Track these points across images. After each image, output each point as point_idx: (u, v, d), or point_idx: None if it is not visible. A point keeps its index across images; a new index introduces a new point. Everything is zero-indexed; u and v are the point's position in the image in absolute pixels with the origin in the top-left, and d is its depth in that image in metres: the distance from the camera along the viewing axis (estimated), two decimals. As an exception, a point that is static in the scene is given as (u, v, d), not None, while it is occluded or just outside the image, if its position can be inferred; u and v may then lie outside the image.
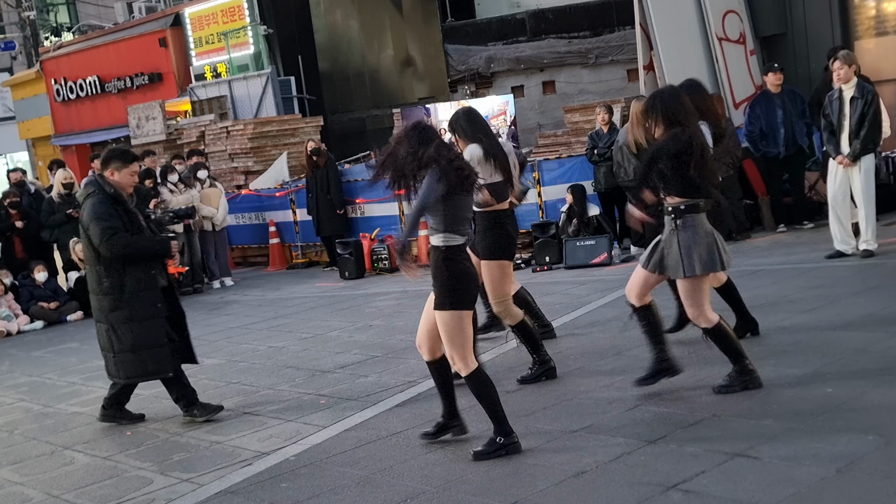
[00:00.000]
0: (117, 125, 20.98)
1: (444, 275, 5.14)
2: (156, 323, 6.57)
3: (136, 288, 6.51)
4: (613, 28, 17.57)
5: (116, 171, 6.56)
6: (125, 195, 6.61)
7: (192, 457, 5.95)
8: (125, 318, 6.52)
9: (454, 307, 5.10)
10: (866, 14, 13.22)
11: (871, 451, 4.50)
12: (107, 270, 6.51)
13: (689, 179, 5.47)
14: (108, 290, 6.54)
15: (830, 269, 8.88)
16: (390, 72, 20.73)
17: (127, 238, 6.45)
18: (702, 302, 5.57)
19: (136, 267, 6.51)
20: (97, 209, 6.45)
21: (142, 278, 6.53)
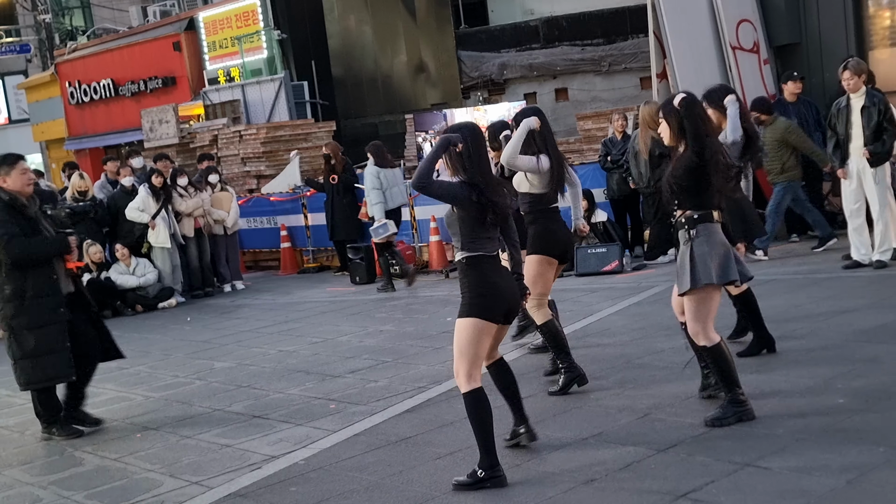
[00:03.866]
0: (131, 128, 21.07)
1: (464, 282, 4.98)
2: (56, 328, 6.58)
3: (36, 293, 6.54)
4: (627, 36, 17.57)
5: (6, 176, 6.54)
6: (24, 200, 6.60)
7: (202, 460, 5.96)
8: (25, 324, 6.55)
9: (470, 314, 4.91)
10: (881, 24, 13.18)
11: (881, 462, 4.48)
12: (8, 277, 6.54)
13: (706, 192, 5.32)
14: (9, 297, 6.56)
15: (843, 279, 8.85)
16: (403, 77, 20.75)
17: (24, 242, 6.49)
18: (707, 318, 5.33)
19: (36, 273, 6.53)
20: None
21: (42, 284, 6.55)
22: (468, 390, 4.91)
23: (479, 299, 4.92)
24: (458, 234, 4.97)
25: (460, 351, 4.94)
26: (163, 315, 12.42)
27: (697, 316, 5.33)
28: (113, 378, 8.71)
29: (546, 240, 6.53)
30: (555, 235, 6.57)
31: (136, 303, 12.77)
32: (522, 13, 19.08)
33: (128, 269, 12.83)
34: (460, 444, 5.53)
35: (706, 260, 5.28)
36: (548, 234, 6.55)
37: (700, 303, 5.31)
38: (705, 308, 5.32)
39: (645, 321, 8.17)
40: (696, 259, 5.29)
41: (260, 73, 19.83)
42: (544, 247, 6.52)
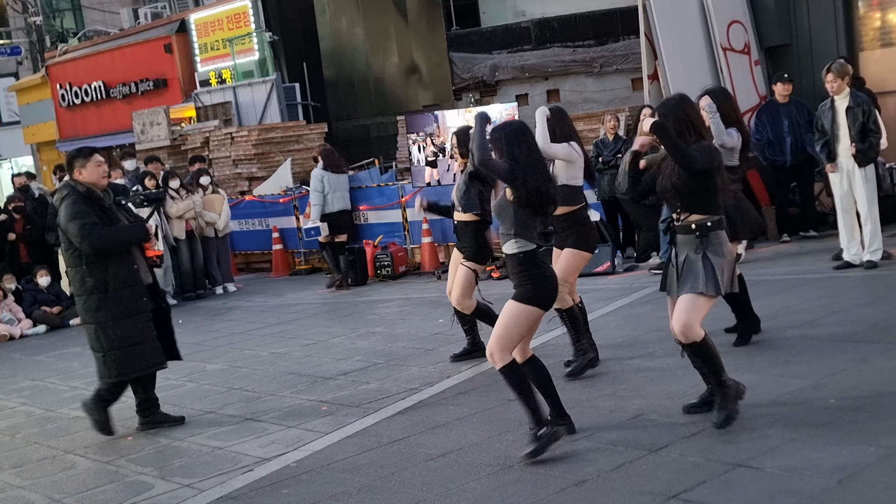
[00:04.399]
0: (122, 130, 21.01)
1: (522, 272, 5.18)
2: (142, 318, 6.62)
3: (119, 284, 6.54)
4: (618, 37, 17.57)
5: (82, 168, 6.60)
6: (99, 192, 6.64)
7: (193, 462, 5.94)
8: (111, 315, 6.54)
9: (533, 303, 5.14)
10: (871, 25, 13.23)
11: (872, 462, 4.50)
12: (90, 270, 6.52)
13: (714, 195, 5.19)
14: (92, 289, 6.55)
15: (834, 279, 8.87)
16: (395, 79, 20.73)
17: (105, 231, 6.50)
18: (700, 318, 5.24)
19: (118, 264, 6.54)
20: (72, 209, 6.48)
21: (125, 275, 6.56)
22: (505, 364, 5.15)
23: (543, 290, 5.17)
24: (511, 220, 5.17)
25: (509, 334, 5.13)
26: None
27: (693, 316, 5.19)
28: (104, 381, 8.69)
29: (590, 238, 6.80)
30: (593, 232, 6.91)
31: (128, 305, 12.72)
32: (514, 15, 19.06)
33: (119, 271, 12.78)
34: (452, 446, 5.53)
35: (723, 269, 5.17)
36: (591, 232, 6.82)
37: (702, 305, 5.22)
38: (703, 310, 5.26)
39: (636, 322, 8.18)
40: (715, 267, 5.15)
41: (251, 75, 19.80)
42: (588, 245, 6.77)
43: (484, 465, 5.17)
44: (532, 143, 5.33)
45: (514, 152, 5.18)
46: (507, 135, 5.24)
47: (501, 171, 5.20)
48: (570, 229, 6.69)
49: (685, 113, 5.32)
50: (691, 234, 5.21)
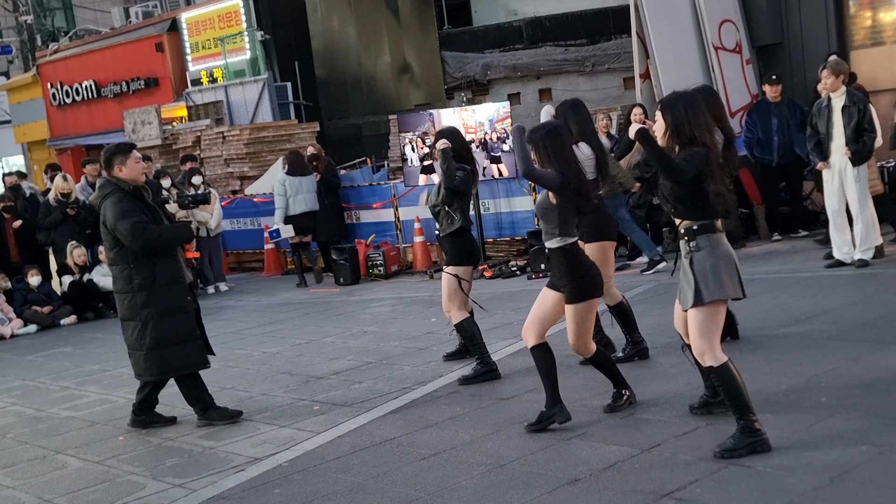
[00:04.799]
0: (113, 130, 20.95)
1: (566, 268, 5.51)
2: (187, 316, 6.64)
3: (165, 282, 6.53)
4: (610, 36, 17.60)
5: (122, 165, 6.54)
6: (143, 191, 6.64)
7: (185, 462, 5.93)
8: (157, 312, 6.51)
9: (585, 297, 5.50)
10: (862, 24, 13.27)
11: (864, 460, 4.50)
12: (137, 268, 6.49)
13: (704, 201, 4.87)
14: (139, 287, 6.51)
15: (825, 278, 8.89)
16: (387, 78, 20.73)
17: (156, 230, 6.49)
18: (714, 336, 4.85)
19: (164, 261, 6.54)
20: (121, 207, 6.42)
21: (170, 272, 6.56)
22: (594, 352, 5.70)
23: (591, 279, 5.55)
24: (555, 221, 5.51)
25: (579, 330, 5.58)
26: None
27: (702, 333, 4.84)
28: (95, 380, 8.67)
29: (605, 226, 6.82)
30: (609, 220, 6.97)
31: (119, 305, 12.69)
32: (506, 14, 19.08)
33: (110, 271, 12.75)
34: (445, 445, 5.53)
35: (707, 274, 4.82)
36: (605, 220, 6.85)
37: (705, 319, 4.83)
38: (711, 325, 4.85)
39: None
40: (698, 274, 4.83)
41: (243, 74, 19.76)
42: (606, 233, 6.80)
43: (476, 464, 5.17)
44: (568, 143, 5.68)
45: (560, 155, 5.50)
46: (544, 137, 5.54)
47: (551, 181, 5.47)
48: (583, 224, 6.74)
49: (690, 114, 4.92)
50: (681, 239, 4.99)
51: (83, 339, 11.23)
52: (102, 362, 9.50)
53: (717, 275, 4.82)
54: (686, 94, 5.00)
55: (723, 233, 4.96)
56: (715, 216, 4.91)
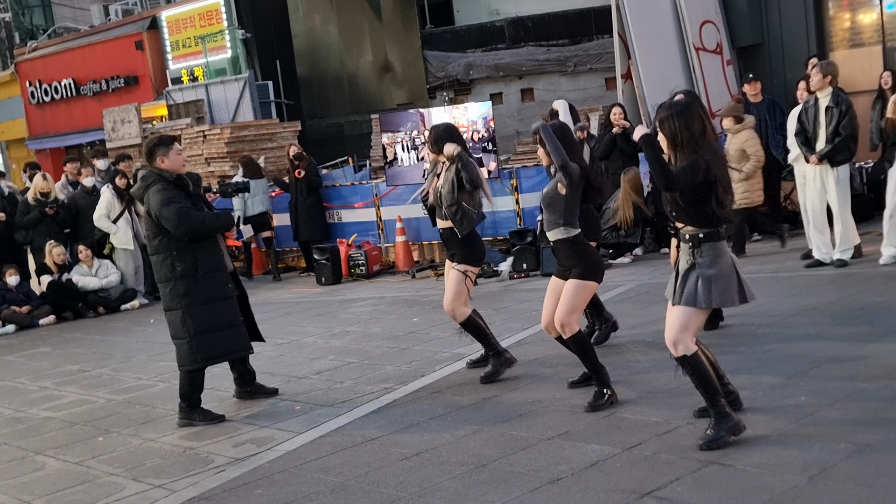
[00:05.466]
0: (92, 128, 20.83)
1: (574, 253, 5.93)
2: (229, 303, 6.74)
3: (207, 269, 6.62)
4: (592, 37, 17.63)
5: (164, 157, 6.65)
6: (185, 180, 6.75)
7: (165, 463, 5.90)
8: (201, 300, 6.59)
9: (593, 278, 5.94)
10: (841, 26, 13.36)
11: (843, 458, 4.54)
12: (180, 255, 6.57)
13: (708, 209, 4.90)
14: (181, 275, 6.57)
15: (805, 278, 8.95)
16: (369, 77, 20.67)
17: (200, 215, 6.60)
18: (692, 331, 5.02)
19: (206, 249, 6.62)
20: (165, 194, 6.51)
21: (212, 260, 6.65)
22: (576, 332, 5.97)
23: (596, 265, 6.00)
24: (560, 211, 5.90)
25: (577, 307, 5.93)
26: (125, 317, 12.29)
27: (684, 328, 4.98)
28: (75, 381, 8.62)
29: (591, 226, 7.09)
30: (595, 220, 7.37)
31: (98, 305, 12.63)
32: (488, 13, 19.09)
33: (90, 270, 12.68)
34: (427, 445, 5.53)
35: (709, 283, 4.91)
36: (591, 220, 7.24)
37: (692, 318, 4.99)
38: (694, 323, 5.02)
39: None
40: (700, 280, 4.92)
41: (224, 73, 19.68)
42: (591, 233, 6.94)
43: (458, 463, 5.17)
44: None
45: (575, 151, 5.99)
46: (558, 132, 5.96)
47: (577, 173, 5.88)
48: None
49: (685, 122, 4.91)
50: (686, 244, 5.02)
51: (62, 339, 11.16)
52: (82, 362, 9.45)
53: (717, 285, 4.95)
54: (678, 103, 4.94)
55: (724, 240, 5.03)
56: (719, 224, 4.96)
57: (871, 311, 7.36)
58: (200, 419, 6.66)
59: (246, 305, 7.04)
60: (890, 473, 4.31)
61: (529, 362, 7.13)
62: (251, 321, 7.09)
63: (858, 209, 10.23)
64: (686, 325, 5.00)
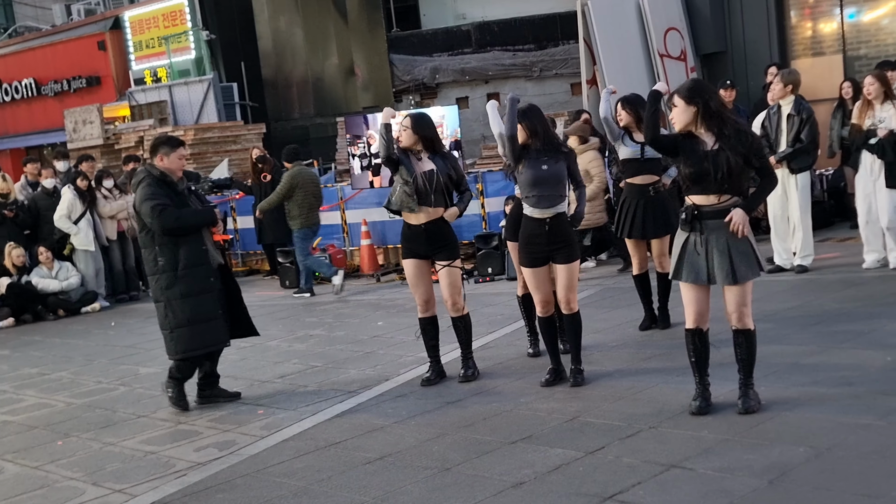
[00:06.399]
0: (53, 129, 20.61)
1: (570, 232, 6.40)
2: (210, 297, 6.85)
3: (188, 264, 6.79)
4: (558, 42, 17.74)
5: (165, 156, 6.90)
6: (174, 178, 6.92)
7: (126, 467, 5.83)
8: (180, 293, 6.77)
9: (579, 255, 6.45)
10: (803, 34, 13.55)
11: (802, 462, 4.59)
12: (162, 250, 6.79)
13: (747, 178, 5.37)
14: (163, 269, 6.80)
15: (766, 283, 9.03)
16: (334, 80, 20.65)
17: (176, 212, 6.75)
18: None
19: (189, 244, 6.80)
20: (146, 191, 6.76)
21: (194, 255, 6.82)
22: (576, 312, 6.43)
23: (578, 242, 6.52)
24: (563, 190, 6.37)
25: (575, 285, 6.40)
26: (86, 320, 12.14)
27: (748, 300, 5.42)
28: (34, 384, 8.50)
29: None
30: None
31: (59, 307, 12.47)
32: (454, 18, 19.14)
33: (50, 272, 12.52)
34: (390, 449, 5.51)
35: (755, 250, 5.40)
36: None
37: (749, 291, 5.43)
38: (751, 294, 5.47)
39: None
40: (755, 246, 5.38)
41: (188, 74, 19.54)
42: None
43: (422, 467, 5.16)
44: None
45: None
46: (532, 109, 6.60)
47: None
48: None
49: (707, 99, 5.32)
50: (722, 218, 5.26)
51: (21, 341, 11.00)
52: (41, 366, 9.32)
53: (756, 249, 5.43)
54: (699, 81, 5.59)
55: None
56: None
57: (831, 316, 7.46)
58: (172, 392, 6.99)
59: (238, 299, 7.16)
60: (847, 477, 4.37)
61: (493, 366, 7.15)
62: (244, 315, 7.23)
63: (819, 216, 10.38)
64: (750, 299, 5.41)
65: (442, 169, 6.72)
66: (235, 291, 7.15)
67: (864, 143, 8.82)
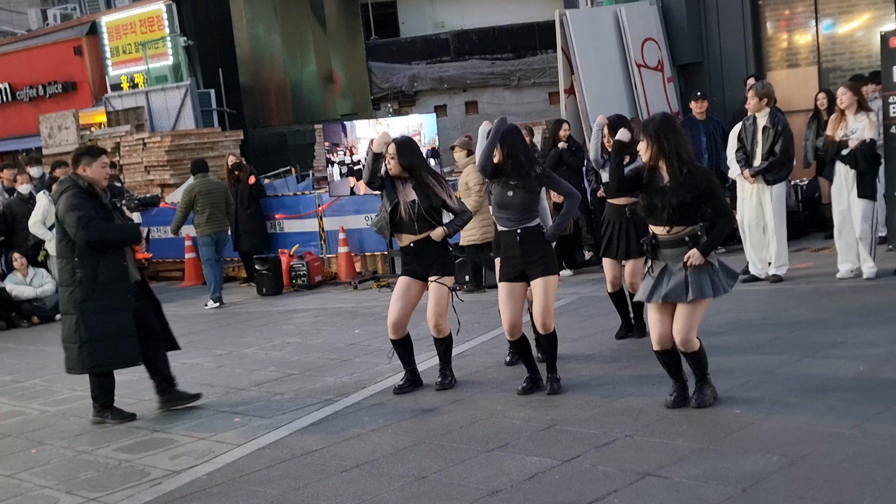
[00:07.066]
0: (28, 134, 20.44)
1: (546, 245, 6.35)
2: (125, 314, 6.80)
3: (107, 278, 6.74)
4: (536, 51, 17.83)
5: (87, 166, 6.86)
6: (99, 190, 6.87)
7: (100, 475, 5.79)
8: (95, 307, 6.71)
9: (556, 270, 6.40)
10: (779, 46, 13.68)
11: (775, 470, 4.63)
12: (81, 261, 6.71)
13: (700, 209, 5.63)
14: (80, 281, 6.72)
15: (741, 293, 9.10)
16: (313, 87, 20.62)
17: (102, 225, 6.72)
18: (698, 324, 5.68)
19: (109, 259, 6.77)
20: (72, 201, 6.69)
21: (113, 270, 6.78)
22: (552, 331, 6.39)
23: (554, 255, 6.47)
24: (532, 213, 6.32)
25: (550, 304, 6.31)
26: (60, 327, 12.02)
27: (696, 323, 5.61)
28: (8, 392, 8.43)
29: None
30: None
31: (33, 314, 12.37)
32: (433, 26, 19.20)
33: (24, 279, 12.42)
34: (367, 457, 5.51)
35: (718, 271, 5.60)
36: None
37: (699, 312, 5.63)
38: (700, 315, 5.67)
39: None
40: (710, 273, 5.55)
41: (165, 80, 19.45)
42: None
43: (398, 476, 5.16)
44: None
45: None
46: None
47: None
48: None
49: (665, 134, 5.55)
50: (685, 245, 5.51)
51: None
52: (15, 373, 9.24)
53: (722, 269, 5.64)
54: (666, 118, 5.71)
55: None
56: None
57: (805, 326, 7.53)
58: (111, 417, 6.89)
59: (160, 314, 7.14)
60: (820, 485, 4.41)
61: (470, 375, 7.16)
62: (166, 330, 7.17)
63: (793, 226, 10.47)
64: (695, 322, 5.59)
65: (423, 200, 6.65)
66: (156, 307, 7.10)
67: (836, 153, 8.92)
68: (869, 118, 8.80)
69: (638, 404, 5.93)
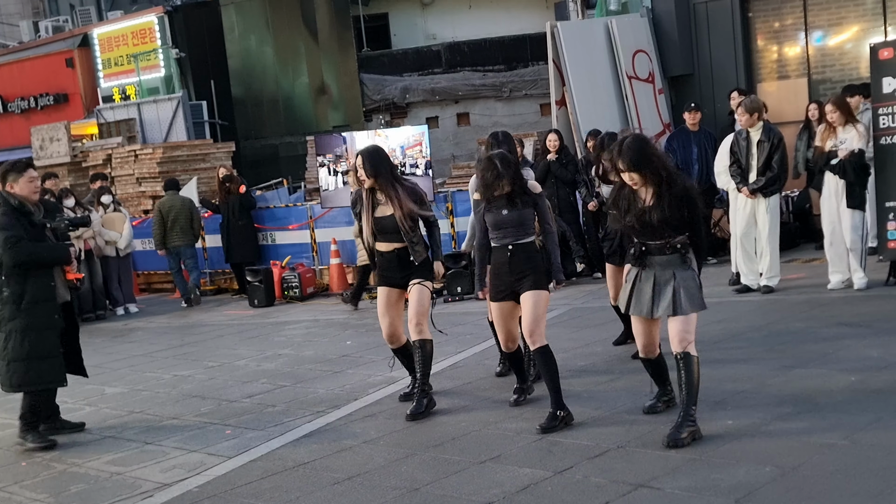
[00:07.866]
0: (20, 146, 20.38)
1: (539, 260, 6.21)
2: (51, 334, 6.74)
3: (35, 298, 6.68)
4: (527, 63, 17.88)
5: (14, 182, 6.76)
6: (31, 207, 6.77)
7: (91, 488, 5.76)
8: (22, 327, 6.64)
9: (547, 285, 6.22)
10: (769, 58, 13.74)
11: (768, 481, 4.62)
12: (8, 280, 6.65)
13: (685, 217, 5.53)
14: (7, 300, 6.66)
15: (733, 304, 9.12)
16: (305, 99, 20.62)
17: (30, 246, 6.65)
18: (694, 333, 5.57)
19: (37, 278, 6.70)
20: (1, 220, 6.61)
21: (41, 290, 6.72)
22: (544, 346, 6.02)
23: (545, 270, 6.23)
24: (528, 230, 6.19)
25: (542, 317, 6.10)
26: None
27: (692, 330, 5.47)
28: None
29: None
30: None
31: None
32: (425, 38, 19.24)
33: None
34: (358, 469, 5.49)
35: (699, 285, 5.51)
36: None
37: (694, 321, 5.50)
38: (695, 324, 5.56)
39: (543, 344, 8.25)
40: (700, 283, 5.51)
41: (157, 92, 19.45)
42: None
43: (390, 487, 5.15)
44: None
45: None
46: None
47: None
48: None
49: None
50: (676, 253, 5.43)
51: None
52: (4, 385, 9.18)
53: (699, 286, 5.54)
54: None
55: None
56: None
57: (796, 336, 7.54)
58: (31, 441, 6.75)
59: (75, 338, 7.07)
60: (812, 496, 4.41)
61: (463, 386, 7.15)
62: (77, 354, 7.10)
63: (784, 237, 10.49)
64: (693, 328, 5.45)
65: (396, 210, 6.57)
66: (74, 330, 7.05)
67: (826, 164, 8.95)
68: (857, 129, 8.84)
69: (630, 415, 5.93)
